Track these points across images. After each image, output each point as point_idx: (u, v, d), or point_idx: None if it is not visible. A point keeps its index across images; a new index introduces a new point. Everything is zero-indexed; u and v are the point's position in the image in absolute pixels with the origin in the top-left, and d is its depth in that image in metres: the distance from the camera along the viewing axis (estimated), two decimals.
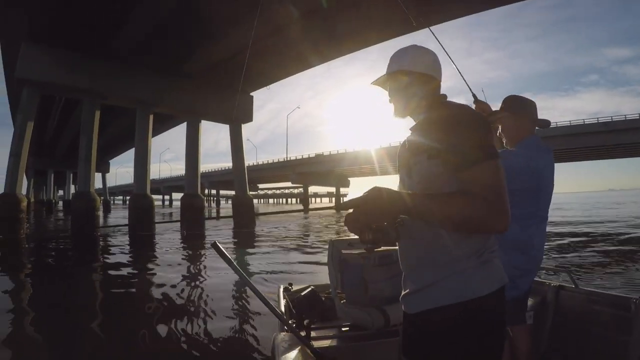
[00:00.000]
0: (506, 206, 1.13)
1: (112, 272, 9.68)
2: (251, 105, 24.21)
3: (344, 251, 2.60)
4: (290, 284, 3.30)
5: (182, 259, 11.56)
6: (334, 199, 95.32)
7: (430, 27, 3.50)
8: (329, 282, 2.72)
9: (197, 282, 8.01)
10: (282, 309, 2.64)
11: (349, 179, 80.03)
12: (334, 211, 51.04)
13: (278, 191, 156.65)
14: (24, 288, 7.95)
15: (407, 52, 1.44)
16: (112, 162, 57.51)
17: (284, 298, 2.83)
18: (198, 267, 10.03)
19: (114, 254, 12.89)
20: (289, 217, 37.63)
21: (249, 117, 24.11)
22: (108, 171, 61.37)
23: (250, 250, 12.94)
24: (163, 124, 30.45)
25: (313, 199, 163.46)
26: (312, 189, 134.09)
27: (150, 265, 10.36)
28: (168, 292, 7.00)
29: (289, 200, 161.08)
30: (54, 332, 4.95)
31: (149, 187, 20.03)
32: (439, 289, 1.23)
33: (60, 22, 15.13)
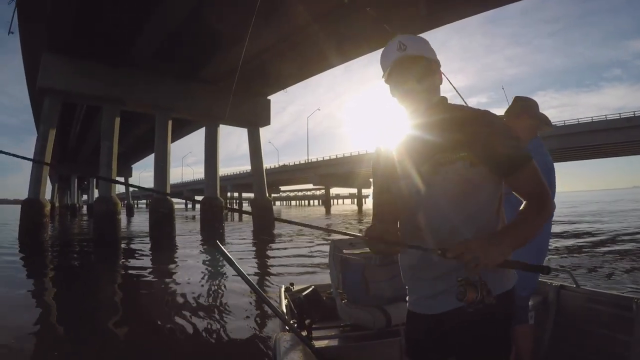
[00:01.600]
0: (550, 191, 1.29)
1: (125, 272, 10.11)
2: (269, 108, 24.32)
3: (345, 251, 2.63)
4: (292, 284, 3.31)
5: (192, 260, 11.70)
6: (355, 200, 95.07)
7: (450, 24, 3.52)
8: (330, 282, 2.76)
9: (199, 282, 8.09)
10: (284, 308, 2.66)
11: (371, 180, 79.70)
12: (356, 212, 51.09)
13: (300, 193, 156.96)
14: (45, 287, 8.40)
15: (422, 40, 1.41)
16: (135, 166, 58.27)
17: (285, 298, 2.83)
18: (203, 268, 10.15)
19: (132, 255, 13.36)
20: (314, 218, 37.92)
21: (266, 121, 24.22)
22: (131, 175, 61.72)
23: (260, 250, 13.08)
24: (183, 129, 30.76)
25: (335, 201, 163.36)
26: (335, 191, 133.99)
27: (161, 267, 10.68)
28: (169, 292, 7.18)
29: (311, 202, 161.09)
30: (67, 327, 5.26)
31: (169, 191, 20.28)
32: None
33: (78, 34, 15.54)
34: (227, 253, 1.63)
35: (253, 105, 23.19)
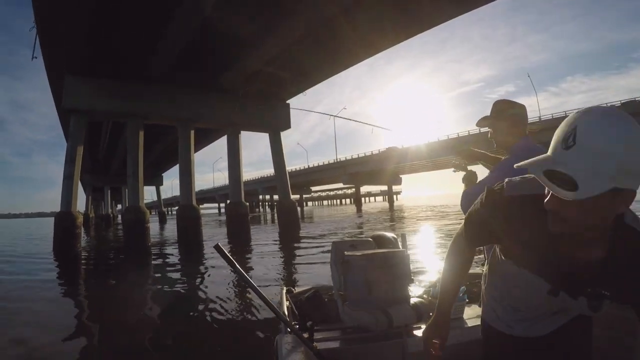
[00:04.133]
0: None
1: (142, 279, 10.26)
2: (288, 112, 24.59)
3: (347, 252, 2.59)
4: (293, 286, 3.31)
5: (202, 265, 11.94)
6: (387, 196, 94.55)
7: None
8: (331, 284, 2.75)
9: (201, 284, 8.27)
10: (285, 310, 2.64)
11: (400, 176, 78.95)
12: (387, 209, 50.85)
13: (332, 193, 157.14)
14: (78, 293, 9.02)
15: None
16: (165, 174, 59.41)
17: (287, 300, 2.85)
18: (205, 270, 10.33)
19: (157, 261, 13.86)
20: (344, 217, 38.01)
21: (286, 125, 24.52)
22: (162, 184, 62.78)
23: (276, 252, 13.35)
24: (208, 137, 31.55)
25: (367, 199, 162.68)
26: (366, 188, 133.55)
27: (177, 272, 10.97)
28: (170, 293, 7.38)
29: (343, 201, 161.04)
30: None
31: (195, 198, 20.89)
32: None
33: (95, 55, 16.30)
34: (229, 255, 1.65)
35: (273, 110, 23.56)
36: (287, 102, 24.47)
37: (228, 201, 23.17)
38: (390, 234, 3.04)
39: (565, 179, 0.87)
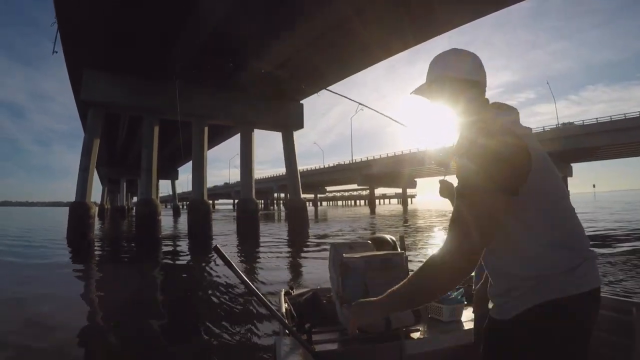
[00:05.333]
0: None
1: (145, 270, 10.51)
2: (302, 112, 24.85)
3: (345, 255, 2.61)
4: (292, 288, 3.35)
5: (204, 262, 11.93)
6: (401, 200, 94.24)
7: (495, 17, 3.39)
8: (330, 286, 2.76)
9: (199, 285, 8.20)
10: (284, 312, 2.62)
11: (415, 179, 78.55)
12: (401, 211, 50.68)
13: (347, 193, 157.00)
14: (89, 278, 9.60)
15: (448, 56, 1.41)
16: (181, 169, 59.96)
17: (285, 302, 2.84)
18: (203, 270, 10.23)
19: (165, 253, 14.20)
20: (355, 217, 38.08)
21: (299, 124, 24.77)
22: (177, 178, 63.01)
23: (283, 251, 13.49)
24: (221, 135, 32.15)
25: (382, 201, 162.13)
26: (381, 191, 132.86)
27: (181, 266, 11.24)
28: (169, 293, 7.45)
29: (358, 202, 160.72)
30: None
31: (206, 194, 21.29)
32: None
33: (114, 51, 16.86)
34: (227, 257, 1.64)
35: (286, 109, 23.91)
36: (301, 102, 24.76)
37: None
38: (388, 236, 3.11)
39: None
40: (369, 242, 2.97)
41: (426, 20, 15.28)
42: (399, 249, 2.92)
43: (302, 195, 26.31)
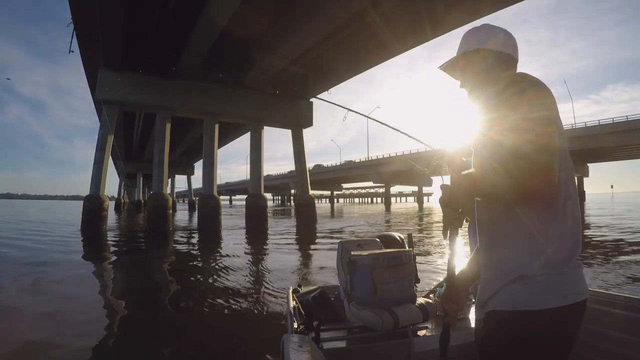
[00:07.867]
0: None
1: (153, 263, 10.82)
2: (311, 110, 25.26)
3: (353, 253, 2.62)
4: (300, 285, 3.34)
5: (214, 255, 11.92)
6: (417, 197, 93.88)
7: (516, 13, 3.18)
8: (338, 284, 2.78)
9: (207, 281, 8.10)
10: (292, 310, 2.60)
11: (432, 177, 78.00)
12: (417, 209, 50.41)
13: (363, 191, 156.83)
14: (101, 268, 9.98)
15: (483, 29, 1.37)
16: (197, 165, 59.99)
17: (293, 299, 2.82)
18: (214, 265, 10.00)
19: (173, 245, 14.66)
20: (371, 213, 38.10)
21: (309, 122, 25.20)
22: (193, 173, 63.28)
23: (287, 247, 13.60)
24: (232, 133, 32.99)
25: (398, 198, 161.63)
26: (397, 188, 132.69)
27: (188, 260, 11.34)
28: (175, 289, 7.46)
29: (374, 199, 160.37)
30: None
31: (215, 189, 21.91)
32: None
33: (129, 52, 17.73)
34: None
35: (296, 107, 24.42)
36: (310, 100, 25.17)
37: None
38: (396, 234, 3.15)
39: None
40: (377, 239, 3.00)
41: (444, 11, 15.01)
42: (407, 247, 2.96)
43: (319, 192, 26.84)
